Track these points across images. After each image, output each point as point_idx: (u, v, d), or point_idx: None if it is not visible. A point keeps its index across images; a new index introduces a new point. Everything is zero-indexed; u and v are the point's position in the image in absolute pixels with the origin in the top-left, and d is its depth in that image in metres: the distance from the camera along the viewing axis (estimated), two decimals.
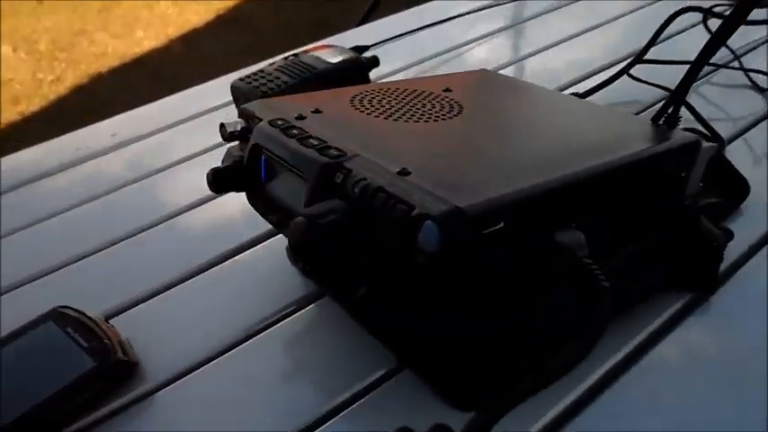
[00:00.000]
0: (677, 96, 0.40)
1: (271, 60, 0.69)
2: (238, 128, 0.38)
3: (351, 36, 0.81)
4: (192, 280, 0.46)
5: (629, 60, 0.61)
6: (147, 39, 3.12)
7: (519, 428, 0.32)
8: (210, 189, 0.38)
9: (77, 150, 0.65)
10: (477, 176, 0.30)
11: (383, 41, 0.73)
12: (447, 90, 0.43)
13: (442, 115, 0.39)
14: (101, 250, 0.50)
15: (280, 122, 0.36)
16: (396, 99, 0.41)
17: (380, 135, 0.35)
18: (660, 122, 0.40)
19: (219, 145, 0.62)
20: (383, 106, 0.40)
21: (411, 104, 0.40)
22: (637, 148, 0.35)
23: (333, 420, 0.35)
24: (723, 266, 0.40)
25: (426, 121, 0.38)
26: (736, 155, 0.52)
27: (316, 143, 0.33)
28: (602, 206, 0.34)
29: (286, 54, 0.67)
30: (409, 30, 0.76)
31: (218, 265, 0.47)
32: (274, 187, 0.37)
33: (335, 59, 0.64)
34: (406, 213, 0.28)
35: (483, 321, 0.31)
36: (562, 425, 0.33)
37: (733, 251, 0.42)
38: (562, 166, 0.32)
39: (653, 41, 0.60)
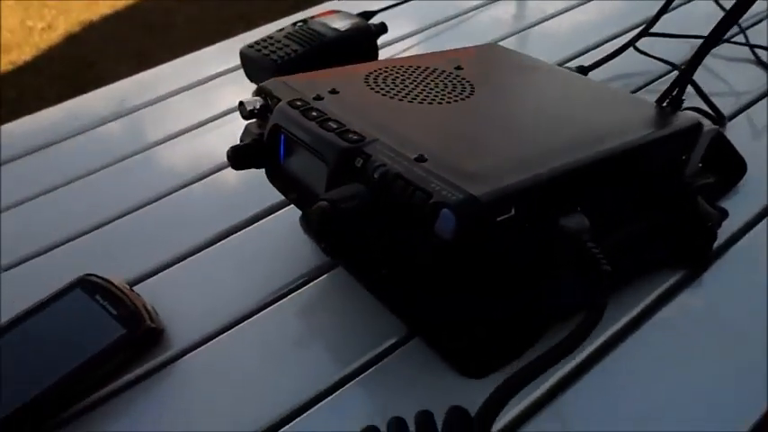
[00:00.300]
0: (683, 78, 0.41)
1: (278, 25, 0.69)
2: (257, 106, 0.40)
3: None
4: (210, 248, 0.48)
5: (636, 32, 0.62)
6: None
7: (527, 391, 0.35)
8: (231, 166, 0.40)
9: (87, 116, 0.65)
10: (489, 164, 0.32)
11: (389, 6, 0.73)
12: (458, 68, 0.44)
13: (455, 96, 0.40)
14: (119, 217, 0.52)
15: (299, 103, 0.37)
16: (409, 78, 0.42)
17: (397, 118, 0.36)
18: (665, 104, 0.41)
19: (232, 110, 0.64)
20: (397, 86, 0.41)
21: (424, 84, 0.41)
22: (640, 134, 0.37)
23: (348, 385, 0.37)
24: (717, 243, 0.43)
25: (440, 103, 0.39)
26: (737, 131, 0.53)
27: (335, 126, 0.35)
28: (605, 189, 0.36)
29: (294, 20, 0.67)
30: None
31: (234, 233, 0.49)
32: (293, 165, 0.38)
33: (344, 27, 0.64)
34: (424, 201, 0.29)
35: (494, 303, 0.33)
36: (564, 389, 0.36)
37: (727, 229, 0.44)
38: (569, 153, 0.34)
39: (660, 14, 0.60)
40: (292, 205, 0.49)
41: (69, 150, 0.61)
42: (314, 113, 0.36)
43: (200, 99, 0.67)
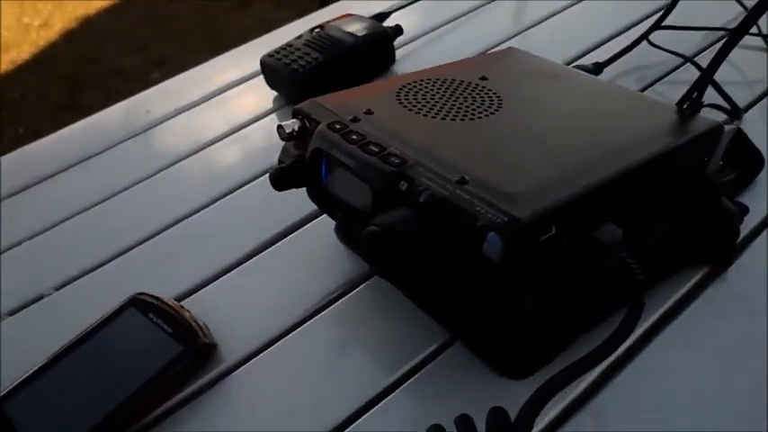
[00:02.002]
0: (704, 80, 0.42)
1: (292, 30, 0.70)
2: (296, 128, 0.41)
3: None
4: (249, 261, 0.50)
5: (647, 25, 0.63)
6: None
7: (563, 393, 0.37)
8: (273, 187, 0.41)
9: (113, 130, 0.67)
10: (527, 184, 0.34)
11: (400, 7, 0.74)
12: (483, 78, 0.46)
13: (484, 111, 0.42)
14: (157, 234, 0.54)
15: (338, 126, 0.39)
16: (438, 93, 0.44)
17: (432, 138, 0.38)
18: (685, 106, 0.43)
19: (256, 119, 0.65)
20: (428, 102, 0.42)
21: (453, 99, 0.43)
22: (665, 142, 0.38)
23: (396, 392, 0.39)
24: (739, 238, 0.44)
25: (471, 119, 0.41)
26: (752, 123, 0.55)
27: (377, 150, 0.36)
28: (633, 197, 0.38)
29: (308, 24, 0.69)
30: None
31: (271, 245, 0.51)
32: (336, 186, 0.40)
33: (362, 32, 0.65)
34: (470, 224, 0.31)
35: (533, 310, 0.35)
36: (598, 389, 0.38)
37: (748, 223, 0.45)
38: (599, 167, 0.35)
39: (672, 6, 0.61)
40: (324, 215, 0.51)
41: (98, 167, 0.63)
42: (354, 137, 0.38)
43: (223, 108, 0.68)
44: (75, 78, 2.42)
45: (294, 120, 0.42)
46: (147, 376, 0.40)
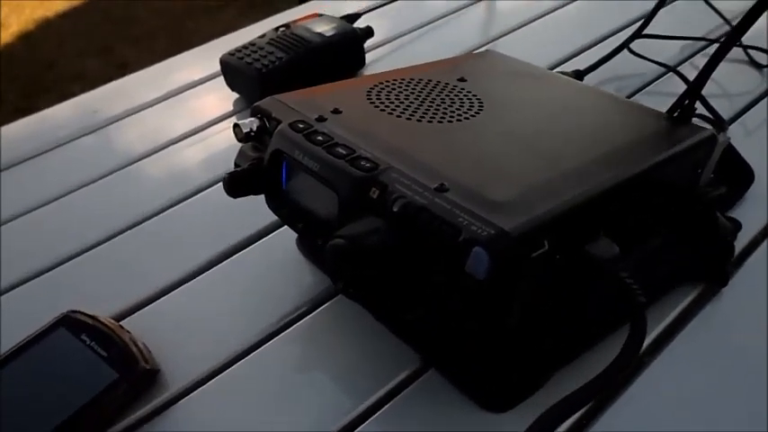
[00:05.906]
0: (694, 89, 0.39)
1: (257, 29, 0.66)
2: (254, 128, 0.37)
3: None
4: (201, 275, 0.45)
5: (627, 33, 0.61)
6: None
7: None
8: (227, 193, 0.37)
9: (57, 129, 0.61)
10: (514, 192, 0.30)
11: (372, 9, 0.70)
12: (461, 80, 0.42)
13: (464, 113, 0.38)
14: (99, 244, 0.48)
15: (301, 126, 0.35)
16: (413, 93, 0.40)
17: (408, 141, 0.34)
18: (675, 114, 0.40)
19: (214, 121, 0.60)
20: (402, 102, 0.39)
21: (430, 100, 0.39)
22: (659, 151, 0.35)
23: (366, 423, 0.35)
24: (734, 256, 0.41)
25: (450, 122, 0.37)
26: (736, 136, 0.52)
27: (344, 152, 0.32)
28: (627, 209, 0.34)
29: (274, 24, 0.64)
30: None
31: (226, 258, 0.46)
32: (297, 193, 0.36)
33: (330, 32, 0.61)
34: (452, 237, 0.27)
35: (519, 336, 0.31)
36: (596, 416, 0.34)
37: (741, 239, 0.43)
38: (592, 176, 0.32)
39: (653, 15, 0.59)
40: (284, 228, 0.47)
41: (39, 169, 0.57)
42: (319, 137, 0.34)
43: (180, 109, 0.64)
44: (32, 82, 2.31)
45: (252, 118, 0.37)
46: (76, 407, 0.35)
